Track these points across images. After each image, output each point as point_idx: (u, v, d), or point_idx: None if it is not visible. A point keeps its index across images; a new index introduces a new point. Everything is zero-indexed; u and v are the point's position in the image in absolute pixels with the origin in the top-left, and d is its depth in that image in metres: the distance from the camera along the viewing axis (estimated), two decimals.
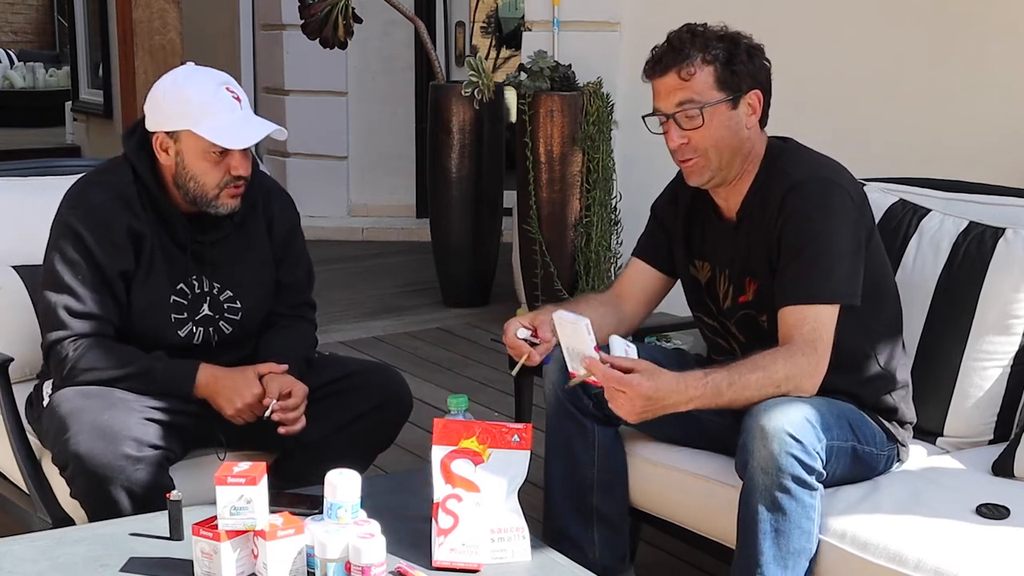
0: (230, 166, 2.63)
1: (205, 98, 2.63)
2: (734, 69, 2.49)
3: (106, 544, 2.23)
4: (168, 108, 2.66)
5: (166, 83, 2.69)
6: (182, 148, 2.64)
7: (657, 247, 2.79)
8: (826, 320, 2.42)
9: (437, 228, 6.12)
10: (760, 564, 2.33)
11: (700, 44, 2.49)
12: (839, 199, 2.47)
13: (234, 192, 2.67)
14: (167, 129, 2.64)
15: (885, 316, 2.61)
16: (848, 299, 2.45)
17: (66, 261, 2.64)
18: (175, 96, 2.66)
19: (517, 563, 2.20)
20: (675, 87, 2.49)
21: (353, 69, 7.93)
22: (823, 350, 2.42)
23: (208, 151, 2.61)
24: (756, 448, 2.30)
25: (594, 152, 5.25)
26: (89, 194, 2.69)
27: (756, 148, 2.56)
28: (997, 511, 2.33)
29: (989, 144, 4.19)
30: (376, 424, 2.81)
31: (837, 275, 2.44)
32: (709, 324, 2.72)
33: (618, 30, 5.49)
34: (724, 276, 2.63)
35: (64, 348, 2.62)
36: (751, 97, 2.52)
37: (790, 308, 2.44)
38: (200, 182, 2.64)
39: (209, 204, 2.66)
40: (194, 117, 2.61)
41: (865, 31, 4.65)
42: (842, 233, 2.45)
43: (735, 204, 2.59)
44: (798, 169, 2.52)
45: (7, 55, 15.14)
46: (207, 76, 2.68)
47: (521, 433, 2.25)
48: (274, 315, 2.87)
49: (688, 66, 2.47)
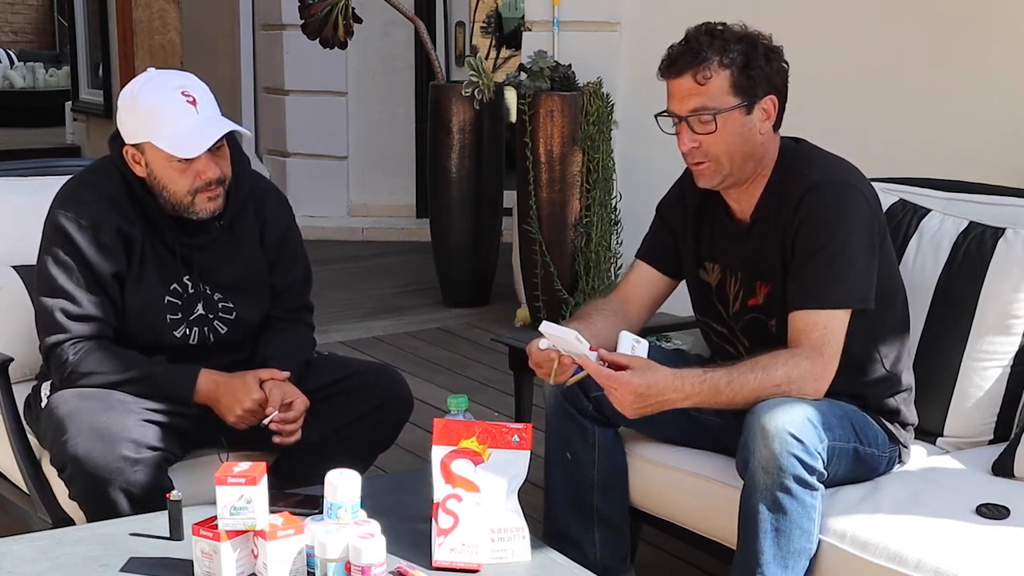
0: (198, 172, 2.60)
1: (160, 107, 2.59)
2: (751, 74, 2.44)
3: (106, 544, 2.23)
4: (127, 122, 2.64)
5: (125, 95, 2.66)
6: (148, 159, 2.62)
7: (662, 248, 2.77)
8: (836, 325, 2.41)
9: (437, 228, 6.12)
10: (760, 564, 2.33)
11: (718, 47, 2.43)
12: (855, 202, 2.46)
13: (211, 195, 2.63)
14: (132, 142, 2.63)
15: (893, 319, 2.60)
16: (860, 303, 2.44)
17: (59, 264, 2.63)
18: (132, 109, 2.64)
19: (517, 563, 2.20)
20: (690, 91, 2.45)
21: (353, 69, 7.93)
22: (831, 355, 2.40)
23: (170, 160, 2.59)
24: (757, 447, 2.30)
25: (594, 152, 5.25)
26: (78, 195, 2.68)
27: (770, 151, 2.54)
28: (997, 511, 2.33)
29: (989, 144, 4.19)
30: (376, 424, 2.81)
31: (850, 279, 2.42)
32: (717, 330, 2.69)
33: (618, 30, 5.49)
34: (735, 279, 2.61)
35: (64, 351, 2.62)
36: (766, 103, 2.47)
37: (801, 312, 2.43)
38: (171, 190, 2.62)
39: (186, 210, 2.64)
40: (151, 128, 2.59)
41: (865, 31, 4.65)
42: (857, 236, 2.44)
43: (749, 206, 2.57)
44: (814, 171, 2.50)
45: (7, 55, 15.15)
46: (162, 82, 2.64)
47: (521, 433, 2.24)
48: (272, 318, 2.87)
49: (704, 70, 2.43)
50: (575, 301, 5.19)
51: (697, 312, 2.76)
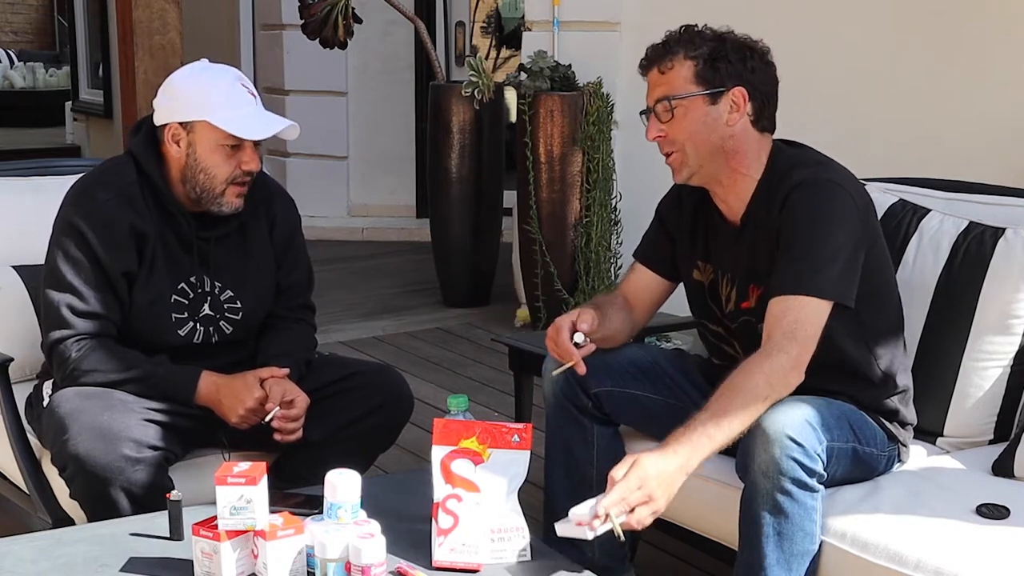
0: (241, 160, 2.65)
1: (222, 90, 2.65)
2: (717, 66, 2.48)
3: (106, 544, 2.23)
4: (185, 98, 2.67)
5: (183, 74, 2.72)
6: (195, 139, 2.65)
7: (659, 250, 2.77)
8: (810, 313, 2.38)
9: (437, 228, 6.12)
10: (764, 567, 2.33)
11: (686, 41, 2.51)
12: (840, 201, 2.45)
13: (239, 191, 2.68)
14: (182, 119, 2.65)
15: (887, 322, 2.59)
16: (839, 298, 2.41)
17: (69, 260, 2.63)
18: (193, 87, 2.68)
19: (517, 563, 2.20)
20: (656, 82, 2.53)
21: (353, 69, 7.94)
22: (803, 339, 2.36)
23: (221, 143, 2.63)
24: (757, 452, 2.30)
25: (594, 152, 5.25)
26: (92, 193, 2.68)
27: (744, 148, 2.53)
28: (997, 511, 2.33)
29: (989, 144, 4.19)
30: (377, 425, 2.81)
31: (828, 272, 2.40)
32: (713, 330, 2.69)
33: (618, 30, 5.49)
34: (727, 280, 2.61)
35: (67, 348, 2.62)
36: (735, 95, 2.49)
37: (777, 299, 2.41)
38: (210, 174, 2.65)
39: (214, 201, 2.67)
40: (211, 108, 2.63)
41: (865, 31, 4.65)
42: (839, 234, 2.42)
43: (738, 208, 2.58)
44: (802, 171, 2.50)
45: (7, 55, 15.15)
46: (223, 70, 2.71)
47: (521, 433, 2.24)
48: (273, 317, 2.87)
49: (669, 61, 2.50)
50: (575, 301, 5.19)
51: (694, 312, 2.76)
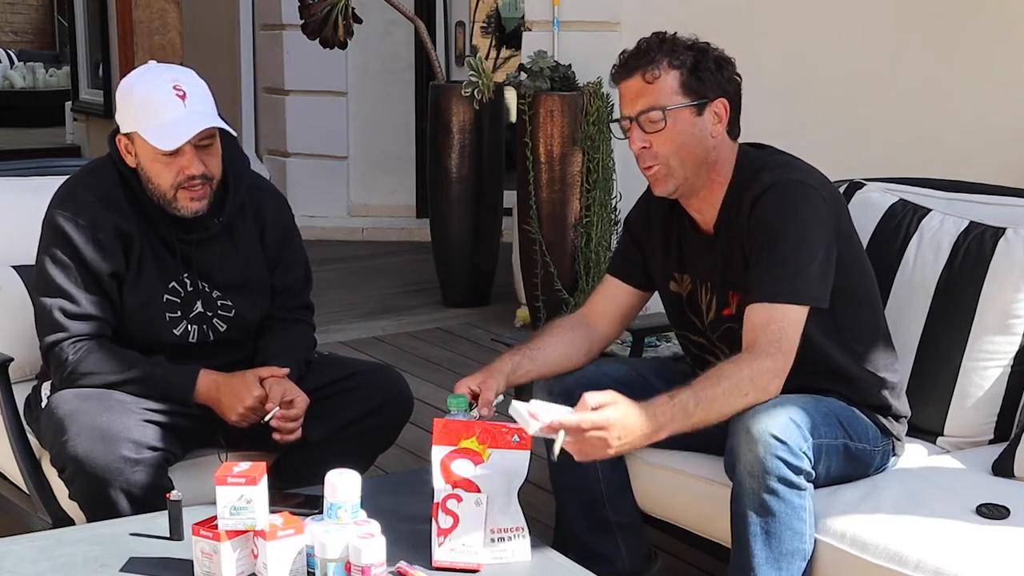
0: (182, 166, 2.59)
1: (149, 97, 2.59)
2: (700, 76, 2.46)
3: (106, 544, 2.23)
4: (123, 109, 2.65)
5: (125, 82, 2.68)
6: (137, 150, 2.63)
7: (630, 263, 2.76)
8: (792, 320, 2.39)
9: (437, 228, 6.12)
10: (753, 567, 2.33)
11: (667, 49, 2.47)
12: (810, 200, 2.45)
13: (191, 195, 2.61)
14: (124, 131, 2.64)
15: (864, 317, 2.58)
16: (815, 302, 2.42)
17: (57, 263, 2.63)
18: (126, 97, 2.64)
19: (517, 563, 2.20)
20: (640, 91, 2.48)
21: (353, 69, 7.93)
22: (787, 350, 2.37)
23: (155, 153, 2.59)
24: (742, 451, 2.30)
25: (594, 152, 5.25)
26: (76, 195, 2.68)
27: (723, 158, 2.53)
28: (997, 511, 2.33)
29: (989, 144, 4.20)
30: (377, 425, 2.81)
31: (806, 276, 2.40)
32: (695, 341, 2.68)
33: (618, 30, 5.48)
34: (706, 288, 2.60)
35: (64, 351, 2.62)
36: (717, 105, 2.48)
37: (756, 306, 2.41)
38: (155, 183, 2.62)
39: (169, 206, 2.64)
40: (140, 119, 2.59)
41: (865, 31, 4.65)
42: (813, 234, 2.42)
43: (711, 217, 2.56)
44: (769, 174, 2.49)
45: (7, 55, 15.15)
46: (156, 74, 2.64)
47: (521, 433, 2.24)
48: (272, 318, 2.86)
49: (654, 69, 2.46)
50: (575, 301, 5.19)
51: (673, 325, 2.76)
